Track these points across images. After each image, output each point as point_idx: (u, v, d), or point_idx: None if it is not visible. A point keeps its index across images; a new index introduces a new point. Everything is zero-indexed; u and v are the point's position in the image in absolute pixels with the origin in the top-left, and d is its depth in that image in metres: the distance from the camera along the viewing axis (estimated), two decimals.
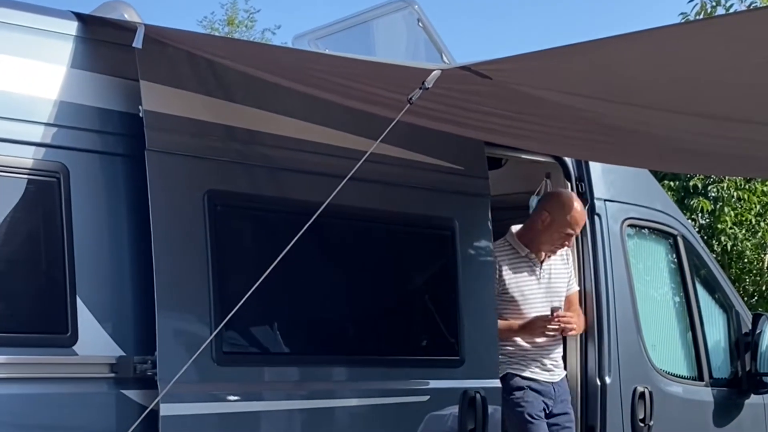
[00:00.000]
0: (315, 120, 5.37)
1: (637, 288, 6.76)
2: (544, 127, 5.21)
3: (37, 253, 4.63)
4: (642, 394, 6.55)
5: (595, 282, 6.48)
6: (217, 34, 21.71)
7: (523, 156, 6.41)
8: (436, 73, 4.03)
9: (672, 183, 13.83)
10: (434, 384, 5.66)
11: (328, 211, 4.31)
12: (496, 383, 5.85)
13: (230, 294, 4.64)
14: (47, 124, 4.66)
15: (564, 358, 6.42)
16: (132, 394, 4.65)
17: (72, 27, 4.85)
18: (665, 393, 6.77)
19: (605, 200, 6.68)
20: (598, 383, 6.39)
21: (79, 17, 4.91)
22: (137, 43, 4.60)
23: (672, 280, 7.24)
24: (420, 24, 5.86)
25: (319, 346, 5.36)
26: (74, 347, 4.56)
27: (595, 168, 6.63)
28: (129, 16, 5.05)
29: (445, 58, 5.79)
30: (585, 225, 6.46)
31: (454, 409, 5.62)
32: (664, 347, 7.03)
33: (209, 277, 4.86)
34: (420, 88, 4.03)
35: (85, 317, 4.58)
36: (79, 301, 4.58)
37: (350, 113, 5.29)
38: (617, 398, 6.46)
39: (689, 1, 13.92)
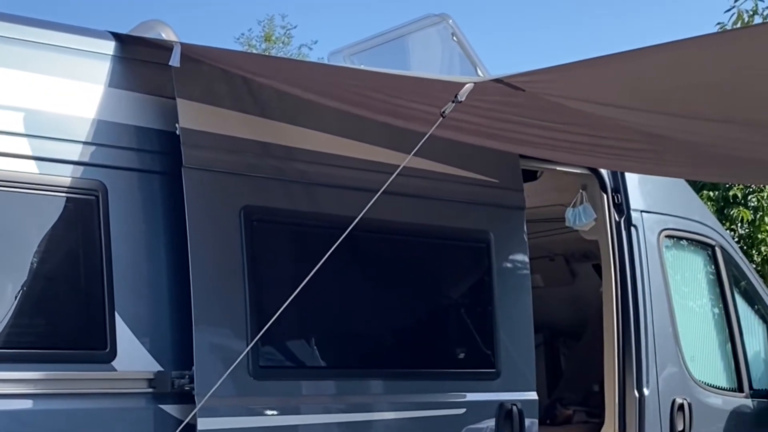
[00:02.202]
0: (349, 135, 5.41)
1: (675, 299, 6.73)
2: (579, 138, 5.20)
3: (76, 270, 4.70)
4: (681, 406, 6.51)
5: (633, 294, 6.45)
6: (254, 50, 21.87)
7: (558, 168, 6.40)
8: (468, 86, 4.05)
9: (711, 193, 13.71)
10: (471, 397, 5.67)
11: (363, 225, 4.35)
12: (533, 396, 5.85)
13: (266, 308, 4.68)
14: (86, 143, 4.74)
15: (602, 370, 6.40)
16: (169, 408, 4.71)
17: (110, 47, 4.93)
18: (704, 404, 6.72)
19: (642, 211, 6.65)
20: (636, 395, 6.36)
21: (117, 37, 5.00)
22: (174, 61, 4.66)
23: (710, 291, 7.19)
24: (454, 38, 5.89)
25: (355, 360, 5.38)
26: (113, 363, 4.63)
27: (632, 179, 6.61)
28: (166, 35, 5.12)
29: (479, 72, 5.82)
30: (622, 236, 6.44)
31: (491, 422, 5.63)
32: (703, 358, 6.99)
33: (245, 292, 4.91)
34: (453, 101, 4.05)
35: (123, 333, 4.65)
36: (117, 317, 4.65)
37: (384, 128, 5.32)
38: (656, 410, 6.43)
39: (726, 11, 13.82)
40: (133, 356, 4.67)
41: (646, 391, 6.38)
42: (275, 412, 4.99)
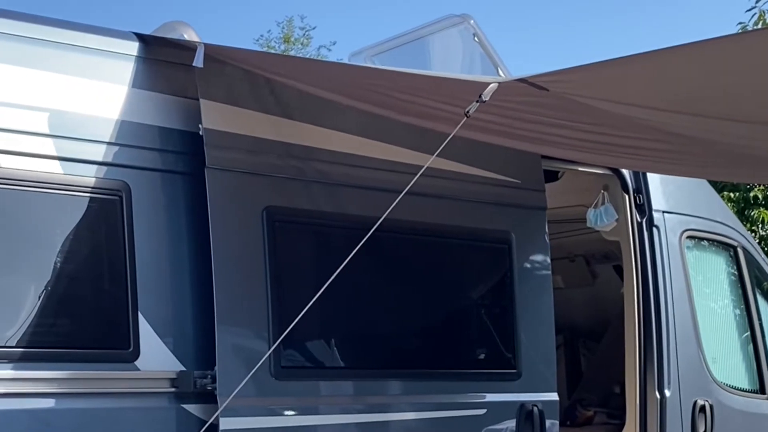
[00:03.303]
0: (371, 135, 5.42)
1: (696, 300, 6.71)
2: (601, 137, 5.19)
3: (100, 270, 4.73)
4: (702, 408, 6.49)
5: (655, 295, 6.43)
6: (273, 51, 21.91)
7: (580, 168, 6.39)
8: (492, 86, 4.05)
9: (732, 194, 13.66)
10: (491, 397, 5.67)
11: (385, 226, 4.35)
12: (554, 396, 5.85)
13: (289, 309, 4.69)
14: (110, 144, 4.76)
15: (623, 371, 6.39)
16: (192, 408, 4.73)
17: (134, 48, 4.95)
18: (726, 406, 6.70)
19: (664, 212, 6.64)
20: (658, 396, 6.35)
21: (141, 38, 5.02)
22: (198, 62, 4.67)
23: (732, 292, 7.16)
24: (476, 39, 5.89)
25: (377, 360, 5.39)
26: (136, 362, 4.65)
27: (654, 179, 6.59)
28: (188, 36, 5.14)
29: (501, 72, 5.81)
30: (644, 237, 6.43)
31: (511, 423, 5.63)
32: (725, 360, 6.96)
33: (268, 293, 4.92)
34: (477, 101, 4.05)
35: (146, 333, 4.67)
36: (140, 316, 4.67)
37: (406, 128, 5.33)
38: (677, 412, 6.41)
39: (747, 10, 13.77)
40: (156, 356, 4.69)
41: (667, 393, 6.36)
42: (296, 413, 5.00)
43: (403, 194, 4.31)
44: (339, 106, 5.22)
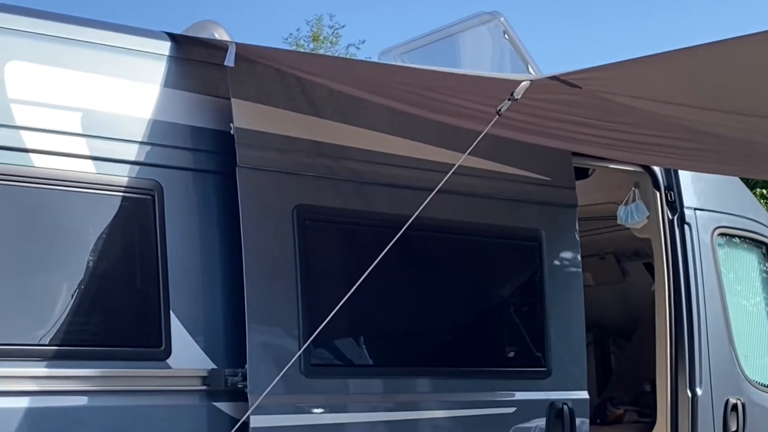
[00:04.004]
0: (402, 134, 5.42)
1: (728, 298, 6.67)
2: (634, 136, 5.17)
3: (132, 269, 4.77)
4: (734, 406, 6.46)
5: (686, 292, 6.40)
6: (302, 50, 21.98)
7: (611, 165, 6.37)
8: (525, 84, 4.04)
9: (764, 190, 13.58)
10: (520, 396, 5.66)
11: (416, 224, 4.35)
12: (584, 395, 5.84)
13: (319, 307, 4.71)
14: (142, 143, 4.79)
15: (653, 369, 6.36)
16: (223, 406, 4.76)
17: (165, 47, 4.98)
18: (758, 405, 6.67)
19: (695, 209, 6.60)
20: (689, 395, 6.32)
21: (172, 37, 5.04)
22: (229, 61, 4.69)
23: (764, 290, 7.12)
24: (506, 36, 5.88)
25: (406, 358, 5.40)
26: (168, 360, 4.69)
27: (685, 176, 6.56)
28: (219, 35, 5.16)
29: (531, 70, 5.80)
30: (675, 234, 6.39)
31: (541, 422, 5.63)
32: (757, 358, 6.92)
33: (298, 291, 4.94)
34: (509, 99, 4.04)
35: (178, 331, 4.70)
36: (172, 315, 4.71)
37: (436, 126, 5.33)
38: (708, 410, 6.38)
39: None
40: (187, 354, 4.72)
41: (698, 391, 6.33)
42: (326, 410, 5.02)
43: (434, 193, 4.31)
44: (369, 104, 5.23)
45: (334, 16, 24.80)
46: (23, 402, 4.35)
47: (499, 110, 4.09)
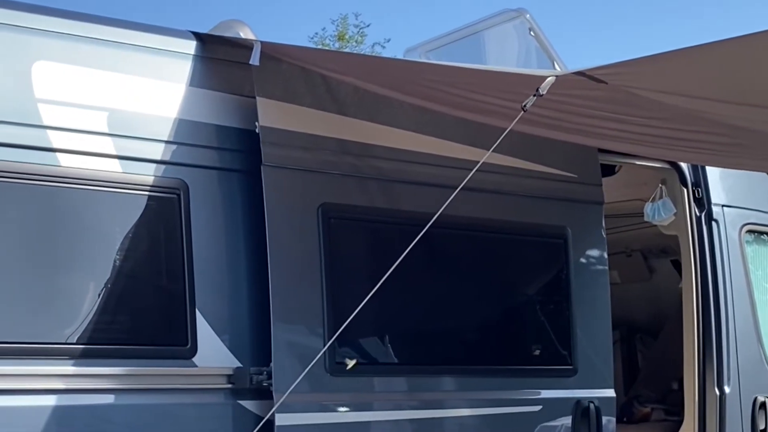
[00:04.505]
0: (427, 131, 5.42)
1: (756, 295, 6.62)
2: (661, 131, 5.14)
3: (158, 268, 4.80)
4: (763, 404, 6.42)
5: (714, 290, 6.36)
6: (328, 49, 22.01)
7: (638, 162, 6.33)
8: (550, 80, 4.03)
9: None
10: (546, 394, 5.65)
11: (441, 222, 4.35)
12: (611, 393, 5.82)
13: (343, 306, 4.71)
14: (168, 142, 4.82)
15: (681, 367, 6.32)
16: (248, 404, 4.78)
17: (191, 47, 5.00)
18: None
19: (723, 206, 6.56)
20: (717, 393, 6.28)
21: (198, 37, 5.06)
22: (254, 60, 4.71)
23: None
24: (531, 33, 5.86)
25: (431, 356, 5.40)
26: (194, 359, 4.71)
27: (713, 173, 6.52)
28: (244, 34, 5.18)
29: (557, 67, 5.77)
30: (702, 231, 6.35)
31: (567, 420, 5.61)
32: None
33: (323, 289, 4.95)
34: (534, 95, 4.03)
35: (203, 329, 4.73)
36: (198, 314, 4.73)
37: (461, 124, 5.32)
38: (737, 409, 6.34)
39: None
40: (213, 352, 4.74)
41: (727, 389, 6.29)
42: (351, 409, 5.03)
43: (458, 190, 4.31)
44: (394, 102, 5.22)
45: (360, 15, 24.83)
46: (52, 400, 4.39)
47: (524, 106, 4.08)
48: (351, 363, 4.98)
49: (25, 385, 4.36)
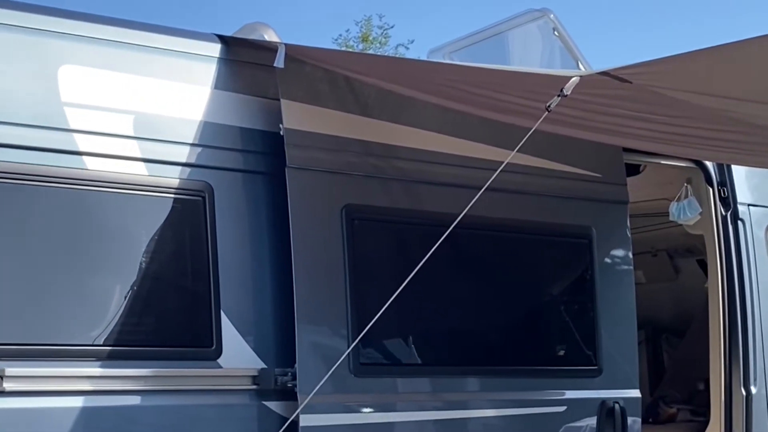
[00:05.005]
0: (450, 132, 5.42)
1: None
2: (687, 130, 5.12)
3: (183, 270, 4.83)
4: None
5: (740, 289, 6.33)
6: (352, 50, 22.00)
7: (663, 161, 6.31)
8: (574, 80, 4.03)
9: None
10: (571, 394, 5.64)
11: (465, 223, 4.36)
12: (636, 393, 5.80)
13: (367, 307, 4.73)
14: (192, 145, 4.85)
15: (707, 367, 6.29)
16: (273, 405, 4.80)
17: (215, 49, 5.03)
18: None
19: (749, 205, 6.52)
20: (743, 393, 6.25)
21: (222, 40, 5.09)
22: (279, 62, 4.73)
23: None
24: (556, 33, 5.85)
25: (455, 357, 5.40)
26: (219, 360, 4.74)
27: (739, 172, 6.48)
28: (269, 36, 5.20)
29: (581, 67, 5.77)
30: (728, 231, 6.32)
31: (592, 420, 5.60)
32: None
33: (347, 290, 4.97)
34: (558, 95, 4.03)
35: (228, 331, 4.75)
36: (223, 315, 4.76)
37: (485, 124, 5.32)
38: (763, 409, 6.31)
39: None
40: (237, 354, 4.77)
41: (753, 389, 6.26)
42: (375, 409, 5.04)
43: (482, 191, 4.31)
44: (417, 103, 5.23)
45: (384, 16, 24.79)
46: (79, 401, 4.44)
47: (549, 106, 4.08)
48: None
49: (53, 387, 4.41)
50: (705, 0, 35.50)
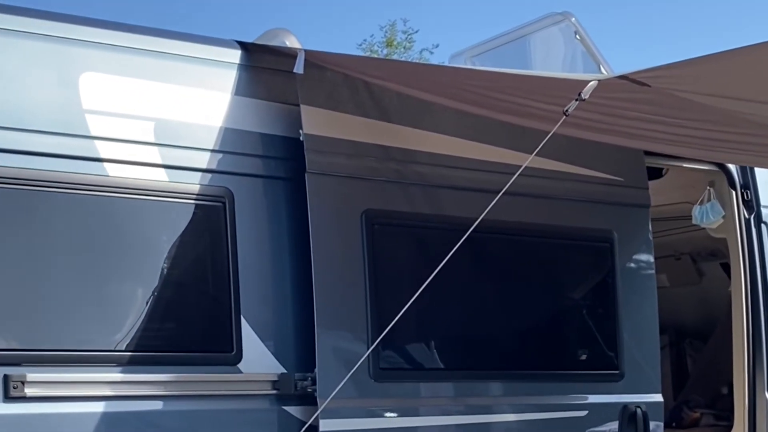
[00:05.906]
0: (470, 136, 5.42)
1: None
2: (708, 133, 5.09)
3: (204, 275, 4.85)
4: None
5: (764, 293, 6.29)
6: (375, 56, 22.00)
7: (685, 165, 6.28)
8: (592, 84, 4.03)
9: None
10: (593, 399, 5.63)
11: (484, 227, 4.37)
12: (658, 398, 5.78)
13: (387, 311, 4.73)
14: (213, 151, 4.87)
15: (730, 371, 6.26)
16: (293, 410, 4.82)
17: (236, 56, 5.05)
18: None
19: None
20: (767, 398, 6.20)
21: (243, 46, 5.11)
22: (298, 68, 4.75)
23: None
24: (577, 37, 5.84)
25: (476, 361, 5.40)
26: (239, 365, 4.76)
27: (762, 174, 6.44)
28: (290, 42, 5.22)
29: (603, 70, 5.75)
30: (752, 234, 6.29)
31: (614, 425, 5.58)
32: None
33: (366, 295, 4.98)
34: (576, 99, 4.03)
35: (248, 336, 4.77)
36: (243, 320, 4.78)
37: (504, 128, 5.32)
38: None
39: None
40: (258, 359, 4.79)
41: None
42: (395, 414, 5.06)
43: (500, 194, 4.31)
44: (436, 107, 5.23)
45: (408, 21, 24.72)
46: (100, 407, 4.46)
47: (566, 110, 4.08)
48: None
49: (75, 392, 4.43)
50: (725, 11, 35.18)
